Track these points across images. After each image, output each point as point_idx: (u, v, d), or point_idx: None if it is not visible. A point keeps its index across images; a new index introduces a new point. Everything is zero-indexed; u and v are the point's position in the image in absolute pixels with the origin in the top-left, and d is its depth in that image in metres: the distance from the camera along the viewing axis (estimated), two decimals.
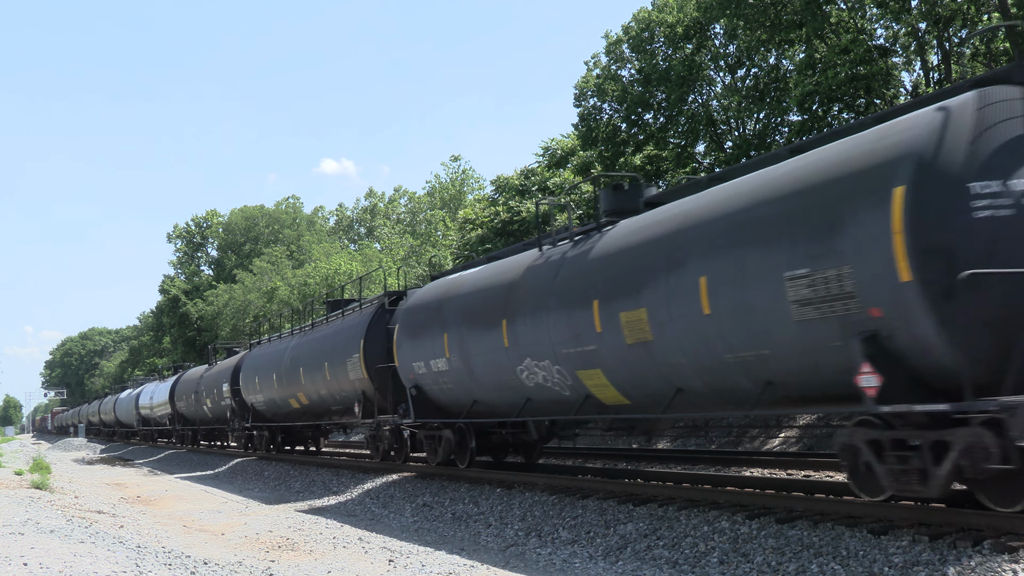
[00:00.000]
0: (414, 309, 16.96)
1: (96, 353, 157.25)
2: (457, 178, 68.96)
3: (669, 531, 10.04)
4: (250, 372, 28.08)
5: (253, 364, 28.20)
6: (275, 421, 27.37)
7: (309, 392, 22.65)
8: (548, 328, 12.42)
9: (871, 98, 23.24)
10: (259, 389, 26.78)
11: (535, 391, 13.21)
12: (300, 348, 23.60)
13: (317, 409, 23.11)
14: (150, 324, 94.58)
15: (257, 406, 27.66)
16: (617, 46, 31.25)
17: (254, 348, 29.89)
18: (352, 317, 20.70)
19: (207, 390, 34.03)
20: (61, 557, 8.52)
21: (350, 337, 19.84)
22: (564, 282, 12.27)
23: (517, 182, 35.35)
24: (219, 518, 15.75)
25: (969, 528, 7.97)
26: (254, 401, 27.69)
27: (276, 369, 25.07)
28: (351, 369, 19.50)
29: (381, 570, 9.79)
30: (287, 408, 25.08)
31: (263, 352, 27.88)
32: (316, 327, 23.78)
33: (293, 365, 23.63)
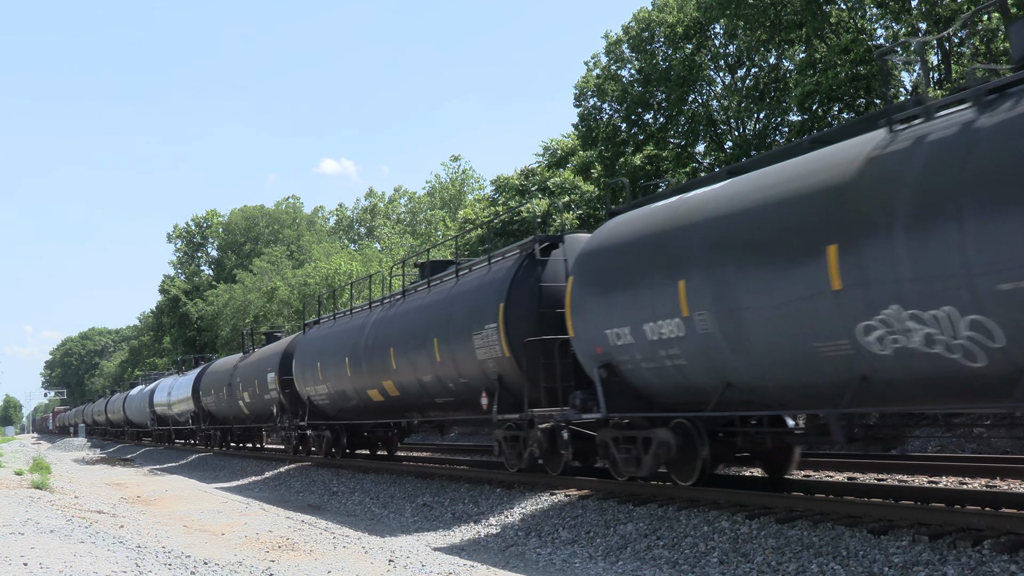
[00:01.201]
0: (606, 252, 11.91)
1: (96, 353, 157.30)
2: (457, 178, 68.97)
3: (669, 531, 10.04)
4: (308, 358, 22.82)
5: (312, 348, 22.83)
6: (341, 418, 22.22)
7: (404, 380, 17.49)
8: (960, 251, 7.35)
9: (871, 98, 23.25)
10: (321, 379, 21.73)
11: (891, 363, 8.18)
12: (388, 323, 18.41)
13: (413, 402, 18.02)
14: (150, 324, 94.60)
15: (316, 400, 22.49)
16: (617, 46, 31.27)
17: (311, 329, 24.29)
18: (477, 276, 15.52)
19: (244, 382, 29.04)
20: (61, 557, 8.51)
21: (480, 302, 14.67)
22: None
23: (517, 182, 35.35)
24: (219, 518, 15.75)
25: (969, 528, 7.97)
26: (312, 394, 22.56)
27: (349, 352, 19.92)
28: (482, 345, 14.47)
29: (381, 570, 9.79)
30: (364, 402, 19.98)
31: (326, 333, 22.47)
32: (409, 296, 18.40)
33: (378, 346, 18.46)
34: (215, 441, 35.89)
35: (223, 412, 33.09)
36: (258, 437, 33.92)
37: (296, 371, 23.69)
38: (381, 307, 19.56)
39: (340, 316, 22.59)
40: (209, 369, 36.20)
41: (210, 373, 35.34)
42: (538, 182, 34.64)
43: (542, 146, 37.61)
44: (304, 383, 23.05)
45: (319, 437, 23.62)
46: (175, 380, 43.01)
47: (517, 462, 14.77)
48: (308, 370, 22.69)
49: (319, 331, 23.37)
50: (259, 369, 27.65)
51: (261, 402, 27.51)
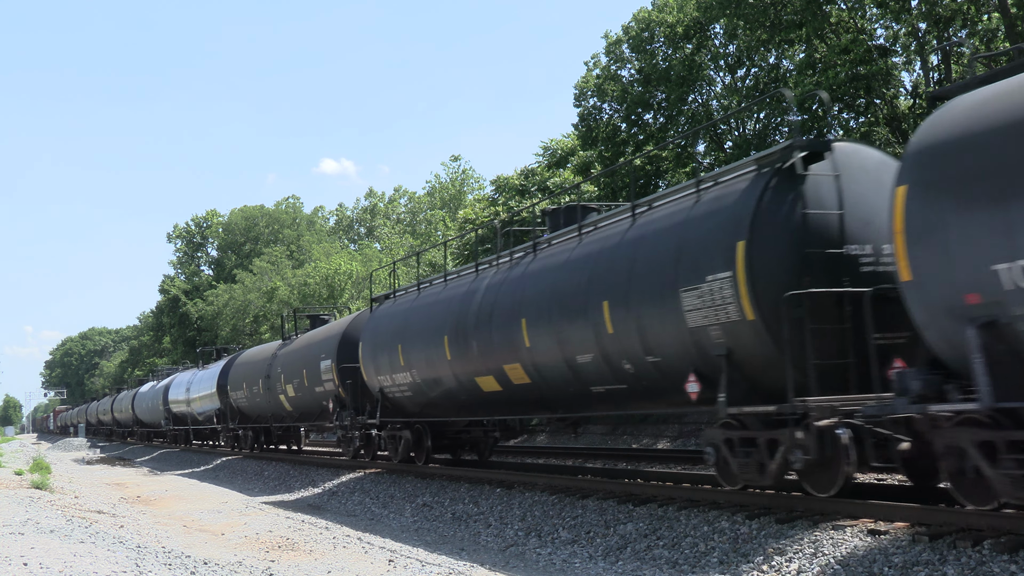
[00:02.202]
0: (986, 138, 7.48)
1: (96, 353, 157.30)
2: (457, 178, 68.98)
3: (669, 531, 10.04)
4: (382, 340, 18.45)
5: (388, 327, 18.43)
6: (428, 415, 17.85)
7: (543, 361, 13.07)
8: None
9: (871, 98, 23.26)
10: (403, 365, 17.35)
11: None
12: (514, 287, 14.01)
13: (552, 392, 13.46)
14: (150, 324, 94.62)
15: (393, 392, 18.17)
16: (617, 46, 31.27)
17: (382, 305, 19.80)
18: (678, 210, 11.03)
19: (288, 372, 24.70)
20: (61, 557, 8.52)
21: (693, 243, 10.33)
22: None
23: (517, 182, 35.36)
24: (219, 518, 15.75)
25: (969, 528, 7.97)
26: (388, 385, 18.18)
27: (450, 329, 15.59)
28: (698, 307, 10.06)
29: (381, 570, 9.79)
30: (469, 393, 15.54)
31: (408, 307, 18.02)
32: (543, 250, 14.02)
33: (499, 318, 14.08)
34: (246, 443, 31.09)
35: (257, 409, 28.71)
36: (295, 438, 29.91)
37: (364, 357, 19.17)
38: (496, 268, 14.99)
39: (426, 286, 18.06)
40: (239, 360, 31.42)
41: (240, 364, 30.78)
42: (538, 182, 34.65)
43: (542, 146, 37.62)
44: (376, 371, 18.53)
45: (394, 438, 19.10)
46: (194, 374, 38.37)
47: (757, 476, 10.11)
48: (382, 355, 18.22)
49: (396, 306, 18.67)
50: (308, 357, 23.11)
51: (310, 396, 23.19)
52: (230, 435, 32.84)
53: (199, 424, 37.29)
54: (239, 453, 31.56)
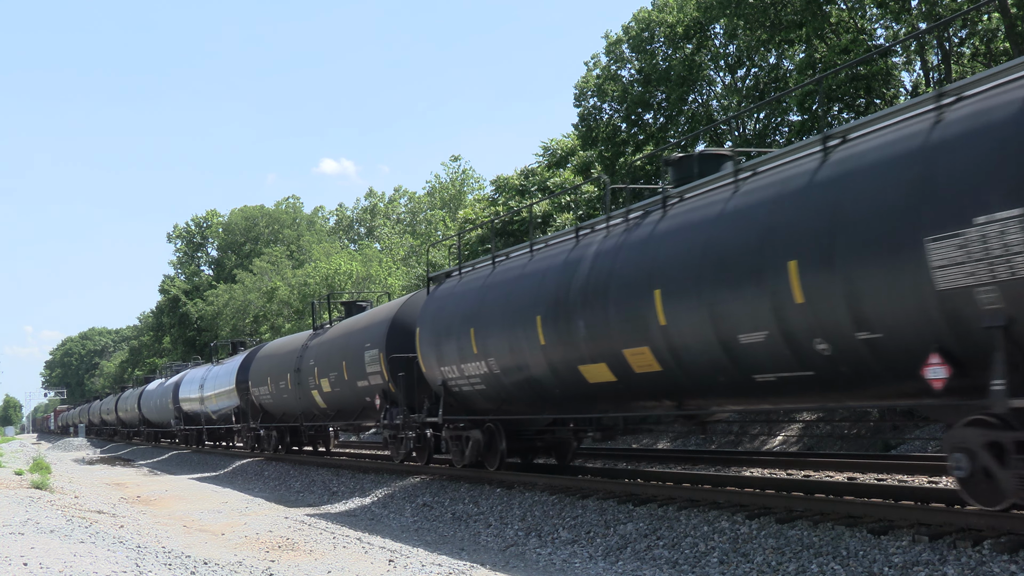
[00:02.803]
0: None
1: (96, 353, 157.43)
2: (457, 178, 69.02)
3: (669, 531, 10.05)
4: (446, 324, 15.66)
5: (454, 309, 15.60)
6: (505, 412, 15.00)
7: (684, 343, 10.31)
8: None
9: (871, 98, 23.27)
10: (476, 352, 14.52)
11: None
12: (639, 252, 11.09)
13: (689, 381, 10.66)
14: (150, 324, 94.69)
15: (460, 386, 15.39)
16: (617, 46, 31.29)
17: (444, 283, 17.01)
18: (910, 133, 8.06)
19: (323, 365, 21.74)
20: (61, 557, 8.52)
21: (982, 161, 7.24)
22: None
23: (517, 182, 35.38)
24: (219, 518, 15.75)
25: (969, 528, 7.97)
26: (454, 377, 15.46)
27: (544, 307, 12.67)
28: (982, 255, 7.14)
29: (381, 570, 9.79)
30: (567, 385, 12.74)
31: (481, 284, 15.15)
32: (674, 206, 11.11)
33: (620, 290, 11.20)
34: (268, 444, 28.12)
35: (284, 406, 25.69)
36: (324, 439, 26.98)
37: (423, 345, 16.35)
38: (606, 231, 12.11)
39: (503, 259, 15.18)
40: (262, 353, 28.24)
41: (264, 358, 27.62)
42: (538, 182, 34.67)
43: (542, 146, 37.65)
44: (439, 361, 15.76)
45: (459, 439, 16.29)
46: (208, 370, 35.44)
47: None
48: (448, 342, 15.40)
49: (464, 284, 15.84)
50: (349, 347, 20.18)
51: (350, 391, 20.28)
52: (251, 435, 29.68)
53: (213, 423, 34.59)
54: (260, 455, 28.69)
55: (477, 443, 15.72)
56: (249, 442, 30.14)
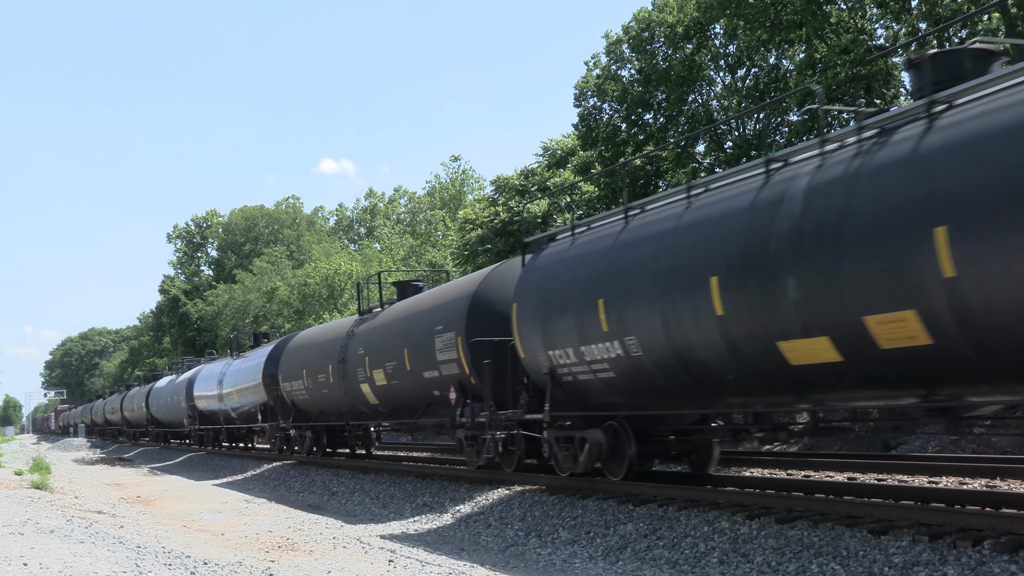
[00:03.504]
0: None
1: (96, 353, 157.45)
2: (457, 178, 69.03)
3: (669, 531, 10.04)
4: (558, 296, 12.64)
5: (567, 279, 12.59)
6: (638, 406, 12.06)
7: (988, 298, 7.24)
8: None
9: (871, 98, 23.27)
10: (609, 331, 11.44)
11: None
12: (883, 180, 8.11)
13: (979, 359, 7.57)
14: (150, 324, 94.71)
15: (578, 373, 12.38)
16: (617, 46, 31.29)
17: (547, 250, 13.75)
18: None
19: (377, 355, 18.68)
20: (61, 557, 8.52)
21: None
22: None
23: (517, 182, 35.38)
24: (219, 518, 15.75)
25: (969, 528, 7.97)
26: (569, 363, 12.43)
27: (721, 266, 9.69)
28: None
29: (381, 570, 9.79)
30: (751, 366, 9.70)
31: (606, 246, 12.09)
32: (942, 115, 7.91)
33: (850, 235, 8.25)
34: (301, 445, 24.79)
35: (323, 403, 22.56)
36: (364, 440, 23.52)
37: (522, 325, 13.39)
38: (818, 159, 9.03)
39: (637, 213, 11.95)
40: (293, 343, 25.38)
41: (297, 348, 24.70)
42: (538, 182, 34.67)
43: (542, 146, 37.64)
44: (546, 344, 12.79)
45: (568, 441, 13.13)
46: (227, 364, 32.32)
47: None
48: (560, 319, 12.44)
49: (581, 246, 12.75)
50: (413, 331, 17.18)
51: (414, 384, 17.25)
52: (280, 436, 26.24)
53: (233, 423, 31.45)
54: (291, 458, 25.43)
55: (597, 446, 12.51)
56: (277, 443, 26.75)
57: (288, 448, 25.99)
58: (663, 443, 13.02)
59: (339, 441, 23.77)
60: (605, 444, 12.46)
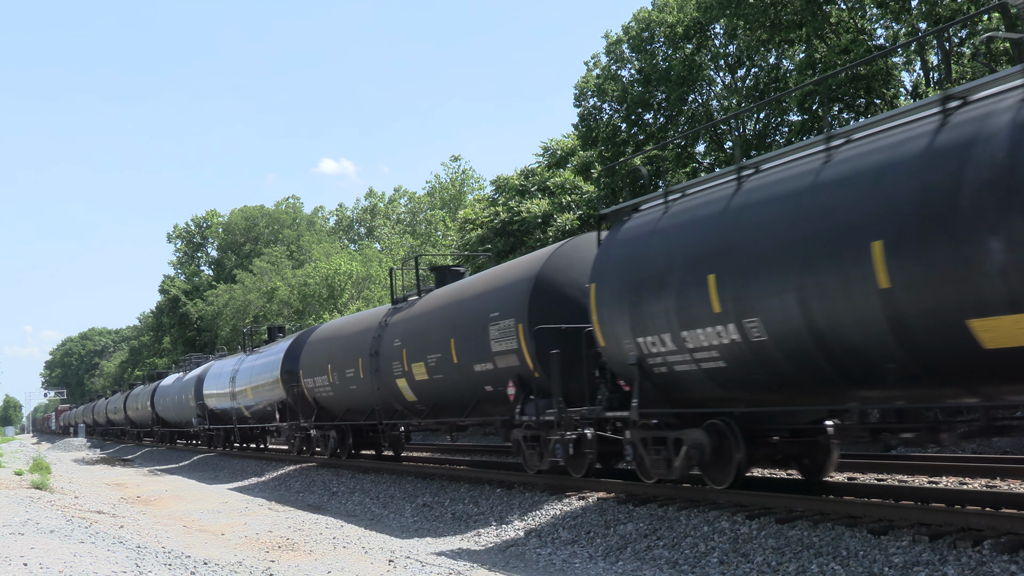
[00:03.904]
0: None
1: (96, 353, 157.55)
2: (457, 178, 69.06)
3: (669, 531, 10.04)
4: (651, 274, 10.84)
5: (663, 252, 10.79)
6: (754, 400, 10.25)
7: None
8: None
9: (871, 98, 23.28)
10: (721, 312, 9.72)
11: None
12: None
13: None
14: (150, 324, 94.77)
15: (673, 364, 10.68)
16: (617, 46, 31.31)
17: (630, 222, 11.86)
18: None
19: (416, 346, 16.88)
20: (61, 557, 8.52)
21: None
22: None
23: (517, 182, 35.38)
24: (219, 518, 15.75)
25: (969, 528, 7.97)
26: (663, 351, 10.72)
27: (890, 228, 7.90)
28: None
29: (381, 570, 9.79)
30: (922, 350, 7.92)
31: (716, 211, 10.16)
32: None
33: None
34: (324, 445, 22.92)
35: (351, 400, 20.67)
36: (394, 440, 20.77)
37: (604, 307, 11.53)
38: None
39: (751, 173, 10.09)
40: (316, 336, 23.53)
41: (321, 342, 22.74)
42: (538, 182, 34.69)
43: (542, 146, 37.68)
44: (634, 329, 10.97)
45: (660, 442, 11.27)
46: (240, 360, 30.62)
47: None
48: (654, 300, 10.64)
49: (674, 215, 10.94)
50: (461, 319, 15.39)
51: (462, 378, 15.43)
52: (300, 436, 24.57)
53: (247, 422, 29.78)
54: (311, 460, 23.72)
55: (698, 449, 10.65)
56: (297, 444, 25.00)
57: (309, 449, 24.31)
58: (772, 445, 11.20)
59: (364, 442, 22.17)
60: (708, 446, 10.63)
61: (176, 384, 40.58)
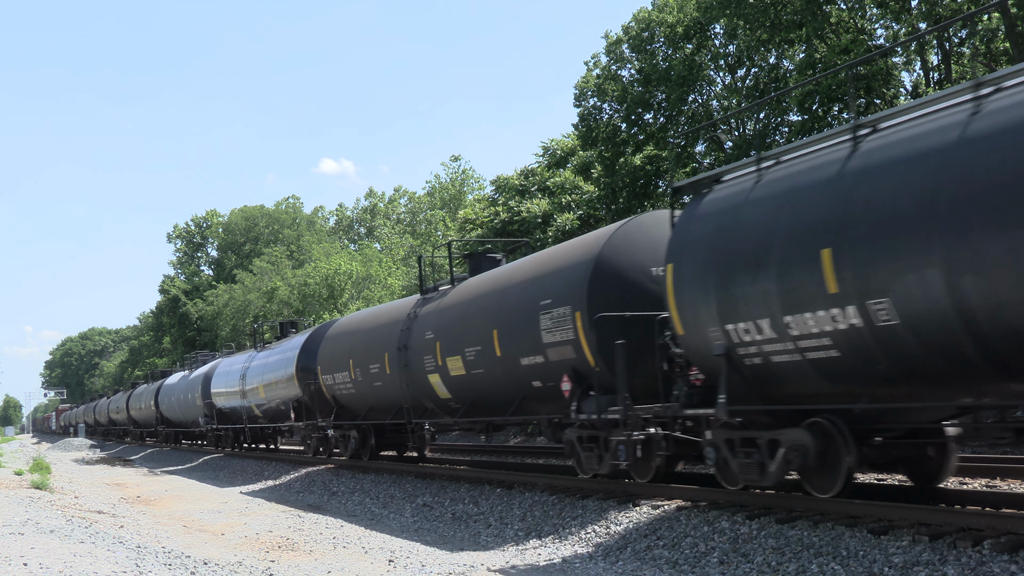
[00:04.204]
0: None
1: (96, 353, 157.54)
2: (457, 178, 69.07)
3: (669, 531, 10.04)
4: (748, 247, 9.41)
5: (756, 225, 9.47)
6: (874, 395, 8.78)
7: None
8: None
9: (871, 98, 23.28)
10: (838, 292, 8.30)
11: None
12: None
13: None
14: (150, 324, 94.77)
15: (769, 354, 9.30)
16: (617, 46, 31.31)
17: (711, 194, 10.57)
18: None
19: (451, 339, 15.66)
20: (61, 557, 8.52)
21: None
22: None
23: (517, 182, 35.39)
24: (219, 518, 15.75)
25: (969, 528, 7.97)
26: (758, 340, 9.35)
27: None
28: None
29: (381, 570, 9.79)
30: None
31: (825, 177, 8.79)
32: None
33: None
34: (345, 446, 21.54)
35: (376, 397, 19.25)
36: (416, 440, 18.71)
37: (685, 289, 10.27)
38: None
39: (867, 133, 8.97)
40: (335, 330, 22.09)
41: (341, 336, 21.30)
42: (538, 182, 34.69)
43: (542, 146, 37.68)
44: (722, 315, 9.68)
45: (750, 444, 10.01)
46: (251, 357, 29.16)
47: None
48: (749, 280, 9.32)
49: (769, 184, 9.63)
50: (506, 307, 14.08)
51: (505, 372, 14.09)
52: (318, 437, 23.13)
53: (258, 421, 28.48)
54: (330, 462, 22.53)
55: (799, 451, 9.30)
56: (313, 444, 23.59)
57: (326, 450, 22.92)
58: (878, 447, 9.68)
59: (386, 442, 20.91)
60: (812, 449, 9.25)
61: (182, 382, 39.36)
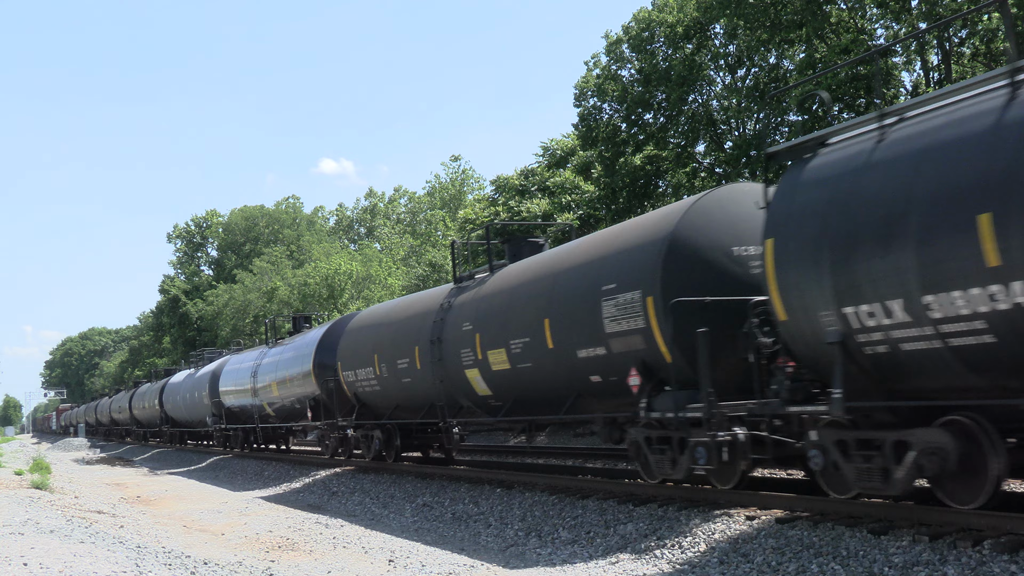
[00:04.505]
0: None
1: (96, 353, 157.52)
2: (457, 178, 69.05)
3: (669, 531, 10.04)
4: (877, 226, 7.96)
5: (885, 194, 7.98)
6: None
7: None
8: None
9: (871, 98, 23.27)
10: (1002, 264, 6.95)
11: None
12: None
13: None
14: (150, 324, 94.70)
15: (902, 342, 7.91)
16: (617, 46, 31.30)
17: (815, 158, 9.04)
18: None
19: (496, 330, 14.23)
20: (61, 557, 8.52)
21: None
22: None
23: (517, 182, 35.38)
24: (219, 518, 15.75)
25: (969, 528, 7.97)
26: (886, 326, 7.98)
27: None
28: None
29: (381, 570, 9.79)
30: None
31: (990, 139, 7.21)
32: None
33: None
34: (368, 448, 20.05)
35: (404, 395, 17.90)
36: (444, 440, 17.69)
37: (787, 273, 8.94)
38: None
39: None
40: (356, 323, 20.65)
41: (364, 329, 19.86)
42: (538, 182, 34.68)
43: (542, 146, 37.65)
44: (838, 297, 8.39)
45: (871, 446, 8.63)
46: (262, 354, 27.71)
47: None
48: (870, 257, 8.07)
49: (884, 147, 8.30)
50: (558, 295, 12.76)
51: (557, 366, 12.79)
52: (337, 436, 21.85)
53: (270, 421, 27.10)
54: (349, 464, 21.43)
55: (934, 456, 8.00)
56: (332, 445, 22.33)
57: (345, 451, 21.81)
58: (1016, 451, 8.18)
59: (411, 443, 19.65)
60: (953, 453, 7.90)
61: (188, 381, 37.78)
